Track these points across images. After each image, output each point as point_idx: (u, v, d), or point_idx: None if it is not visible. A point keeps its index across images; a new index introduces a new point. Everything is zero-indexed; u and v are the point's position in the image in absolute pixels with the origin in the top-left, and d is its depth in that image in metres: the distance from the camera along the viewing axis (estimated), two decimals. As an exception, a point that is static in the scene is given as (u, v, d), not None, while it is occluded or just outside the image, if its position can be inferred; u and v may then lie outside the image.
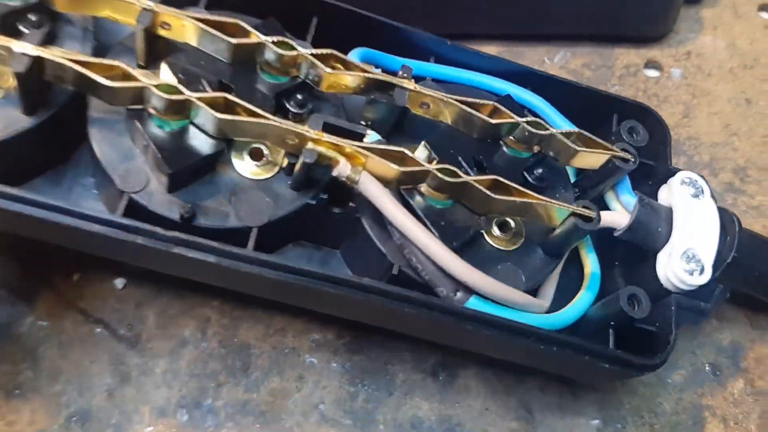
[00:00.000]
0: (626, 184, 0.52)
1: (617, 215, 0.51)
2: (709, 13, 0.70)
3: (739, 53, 0.68)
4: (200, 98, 0.43)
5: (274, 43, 0.46)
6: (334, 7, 0.53)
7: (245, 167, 0.46)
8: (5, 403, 0.46)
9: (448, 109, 0.48)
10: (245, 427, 0.48)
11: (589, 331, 0.50)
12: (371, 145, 0.45)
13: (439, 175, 0.45)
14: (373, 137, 0.47)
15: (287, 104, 0.47)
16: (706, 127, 0.66)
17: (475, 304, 0.46)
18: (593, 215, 0.47)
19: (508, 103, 0.50)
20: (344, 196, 0.47)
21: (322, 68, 0.46)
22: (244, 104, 0.43)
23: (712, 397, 0.57)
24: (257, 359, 0.50)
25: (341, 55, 0.47)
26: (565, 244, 0.49)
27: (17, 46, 0.40)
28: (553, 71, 0.60)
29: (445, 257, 0.45)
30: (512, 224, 0.49)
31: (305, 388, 0.49)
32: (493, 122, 0.48)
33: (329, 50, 0.47)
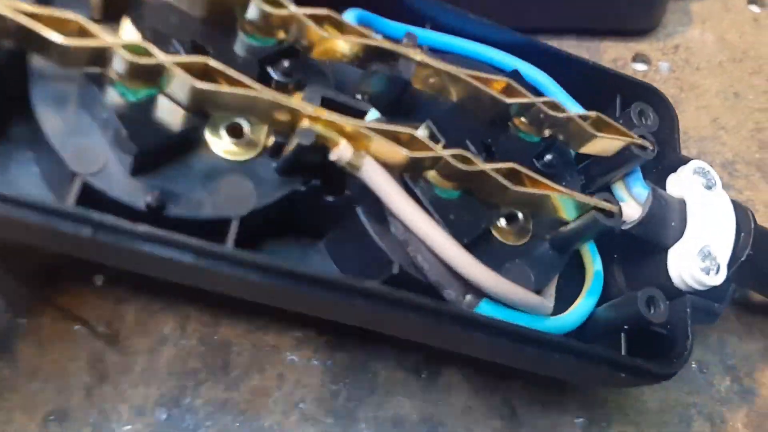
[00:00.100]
0: (638, 173, 0.47)
1: (627, 207, 0.46)
2: (698, 6, 0.69)
3: (728, 47, 0.67)
4: (178, 63, 0.35)
5: (260, -2, 0.39)
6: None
7: (222, 146, 0.39)
8: (-19, 401, 0.44)
9: (455, 84, 0.42)
10: (224, 426, 0.46)
11: (596, 333, 0.46)
12: (378, 125, 0.38)
13: (451, 161, 0.39)
14: (372, 115, 0.40)
15: (271, 72, 0.40)
16: (694, 121, 0.66)
17: (485, 308, 0.41)
18: (616, 210, 0.42)
19: (516, 80, 0.44)
20: (338, 182, 0.40)
21: (316, 31, 0.39)
22: (228, 72, 0.36)
23: (698, 395, 0.55)
24: (237, 357, 0.48)
25: (338, 16, 0.40)
26: (577, 239, 0.44)
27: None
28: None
29: (459, 257, 0.39)
30: (520, 216, 0.44)
31: (286, 386, 0.48)
32: (507, 102, 0.42)
33: (325, 10, 0.39)
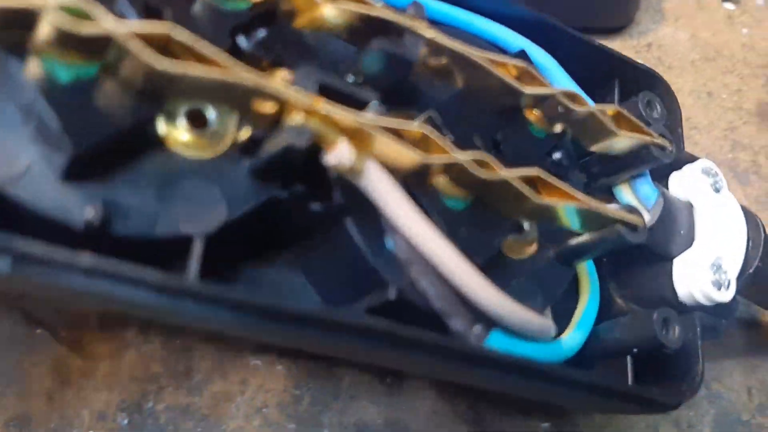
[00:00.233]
0: (646, 174, 0.42)
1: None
2: (671, 4, 0.67)
3: (701, 45, 0.65)
4: (132, 33, 0.25)
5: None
6: None
7: (181, 140, 0.30)
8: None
9: (465, 67, 0.34)
10: (186, 431, 0.45)
11: (598, 354, 0.40)
12: (387, 120, 0.30)
13: (469, 168, 0.32)
14: (373, 107, 0.32)
15: (243, 42, 0.31)
16: (666, 120, 0.62)
17: (496, 340, 0.34)
18: (641, 224, 0.36)
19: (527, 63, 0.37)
20: (324, 186, 0.32)
21: (304, -5, 0.30)
22: (198, 46, 0.27)
23: (665, 398, 0.53)
24: (200, 362, 0.47)
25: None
26: (591, 253, 0.38)
27: None
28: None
29: (475, 283, 0.32)
30: (526, 227, 0.37)
31: (249, 391, 0.47)
32: (526, 91, 0.35)
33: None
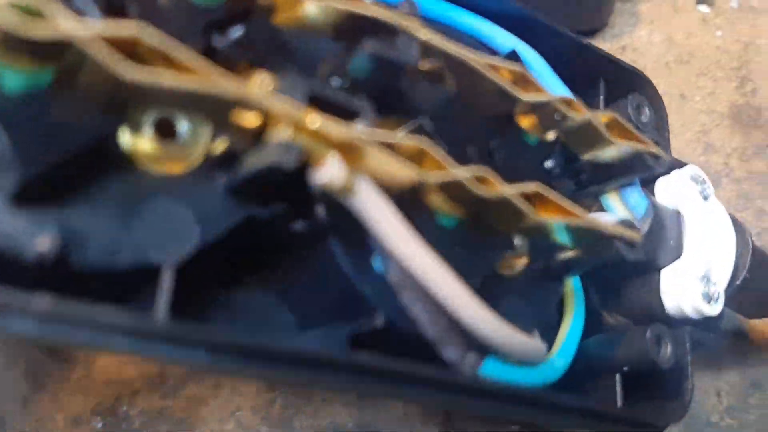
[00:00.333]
0: (636, 182, 0.40)
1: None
2: (646, 6, 0.67)
3: (675, 47, 0.65)
4: (95, 36, 0.22)
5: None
6: None
7: (147, 153, 0.26)
8: None
9: (459, 72, 0.31)
10: None
11: (584, 371, 0.38)
12: (383, 133, 0.27)
13: (468, 186, 0.29)
14: (365, 116, 0.29)
15: (216, 41, 0.28)
16: (639, 122, 0.62)
17: (490, 368, 0.32)
18: (638, 240, 0.34)
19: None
20: (307, 202, 0.29)
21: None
22: (171, 49, 0.23)
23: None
24: (174, 366, 0.47)
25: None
26: (582, 268, 0.36)
27: None
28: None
29: (473, 309, 0.29)
30: (517, 243, 0.35)
31: (222, 394, 0.47)
32: (523, 98, 0.32)
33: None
